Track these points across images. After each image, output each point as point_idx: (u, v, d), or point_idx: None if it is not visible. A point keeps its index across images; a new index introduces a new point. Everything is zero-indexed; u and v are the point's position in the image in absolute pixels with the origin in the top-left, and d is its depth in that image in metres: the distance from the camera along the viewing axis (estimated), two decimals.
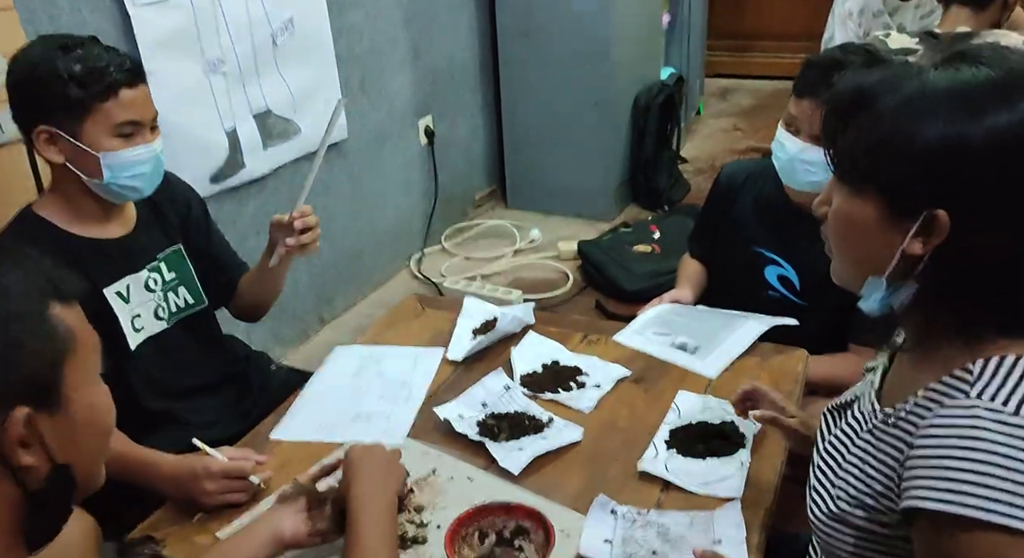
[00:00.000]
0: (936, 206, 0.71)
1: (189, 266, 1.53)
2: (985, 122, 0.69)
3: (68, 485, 0.70)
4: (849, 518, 0.81)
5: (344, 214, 2.89)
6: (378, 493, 1.01)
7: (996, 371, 0.72)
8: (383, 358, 1.58)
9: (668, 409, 1.35)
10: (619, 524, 1.10)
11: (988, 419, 0.68)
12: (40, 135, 1.27)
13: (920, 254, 0.73)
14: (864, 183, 0.76)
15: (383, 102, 3.01)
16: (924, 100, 0.72)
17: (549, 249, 3.36)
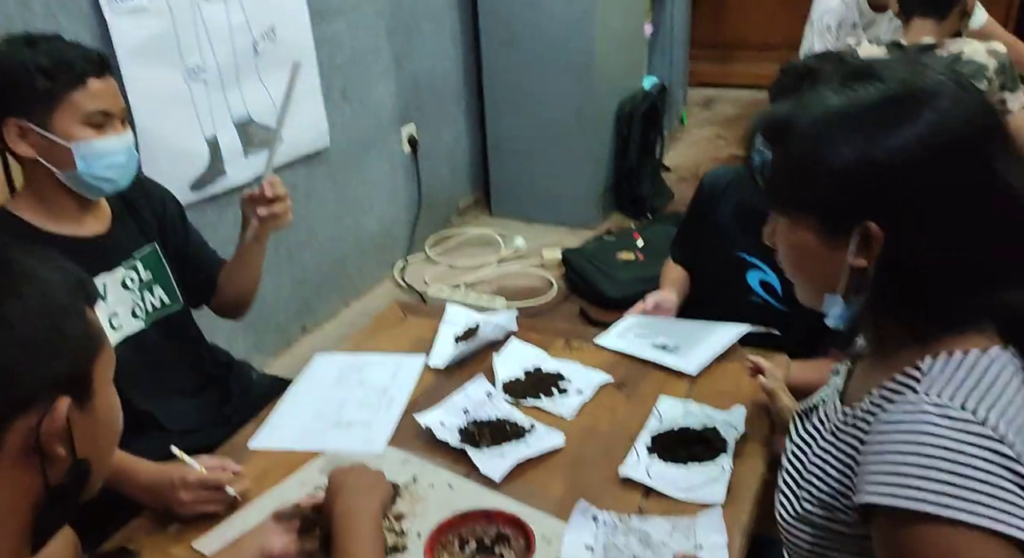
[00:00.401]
0: (866, 219, 0.73)
1: (165, 266, 1.52)
2: (888, 138, 0.72)
3: (84, 481, 0.71)
4: (814, 518, 0.82)
5: (327, 222, 2.88)
6: (362, 507, 0.99)
7: (944, 368, 0.73)
8: (364, 366, 1.56)
9: (650, 414, 1.34)
10: (601, 530, 1.09)
11: (934, 414, 0.70)
12: (10, 129, 1.26)
13: (866, 266, 0.76)
14: (796, 210, 0.79)
15: (365, 110, 3.00)
16: (828, 124, 0.75)
17: (533, 257, 3.37)
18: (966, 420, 0.69)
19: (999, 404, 0.70)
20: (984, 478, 0.66)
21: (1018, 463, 0.67)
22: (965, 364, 0.73)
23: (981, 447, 0.67)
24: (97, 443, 0.73)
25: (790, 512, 0.85)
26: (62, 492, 0.69)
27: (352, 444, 1.32)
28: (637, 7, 3.81)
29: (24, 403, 0.65)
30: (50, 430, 0.66)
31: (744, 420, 1.27)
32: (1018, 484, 0.67)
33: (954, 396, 0.71)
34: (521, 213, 3.74)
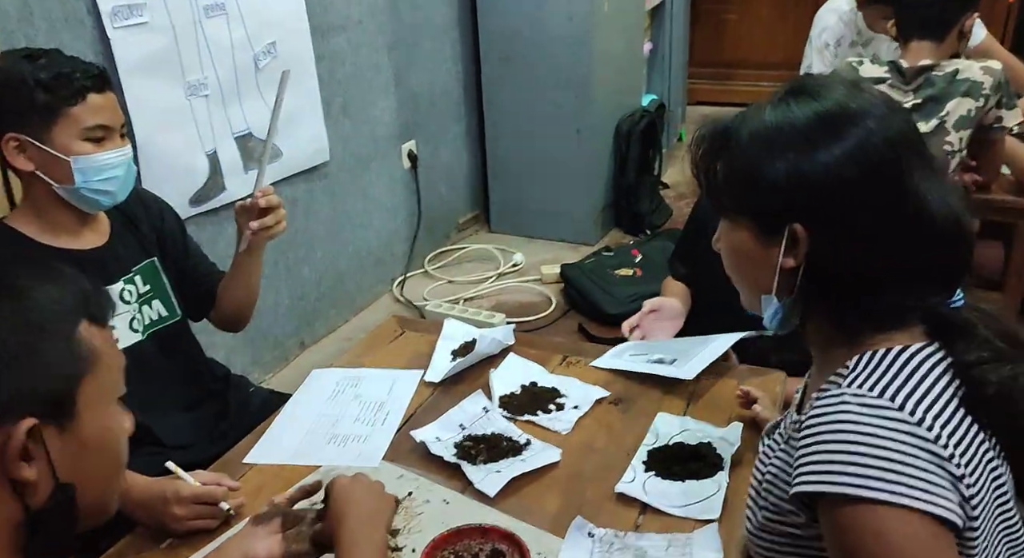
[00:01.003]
0: (794, 222, 0.79)
1: (163, 279, 1.52)
2: (817, 154, 0.77)
3: (69, 506, 0.68)
4: (773, 526, 0.84)
5: (326, 237, 2.89)
6: (368, 535, 0.94)
7: (868, 363, 0.78)
8: (360, 380, 1.56)
9: (646, 431, 1.34)
10: (596, 547, 1.09)
11: (853, 403, 0.74)
12: (8, 143, 1.27)
13: (795, 266, 0.81)
14: (735, 213, 0.86)
15: (365, 126, 3.02)
16: (762, 138, 0.81)
17: (532, 273, 3.37)
18: (883, 406, 0.73)
19: (917, 393, 0.74)
20: (904, 460, 0.70)
21: (935, 445, 0.71)
22: (887, 359, 0.78)
23: (899, 431, 0.71)
24: (85, 466, 0.70)
25: (753, 523, 0.88)
26: (44, 518, 0.66)
27: (348, 459, 1.31)
28: (636, 25, 3.84)
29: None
30: (12, 450, 0.63)
31: (741, 436, 1.27)
32: (937, 465, 0.71)
33: (873, 387, 0.75)
34: (520, 229, 3.75)
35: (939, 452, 0.71)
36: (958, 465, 0.71)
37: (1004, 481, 0.78)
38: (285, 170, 2.55)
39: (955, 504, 0.70)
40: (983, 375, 0.75)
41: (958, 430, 0.73)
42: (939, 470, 0.70)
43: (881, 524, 0.70)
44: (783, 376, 1.48)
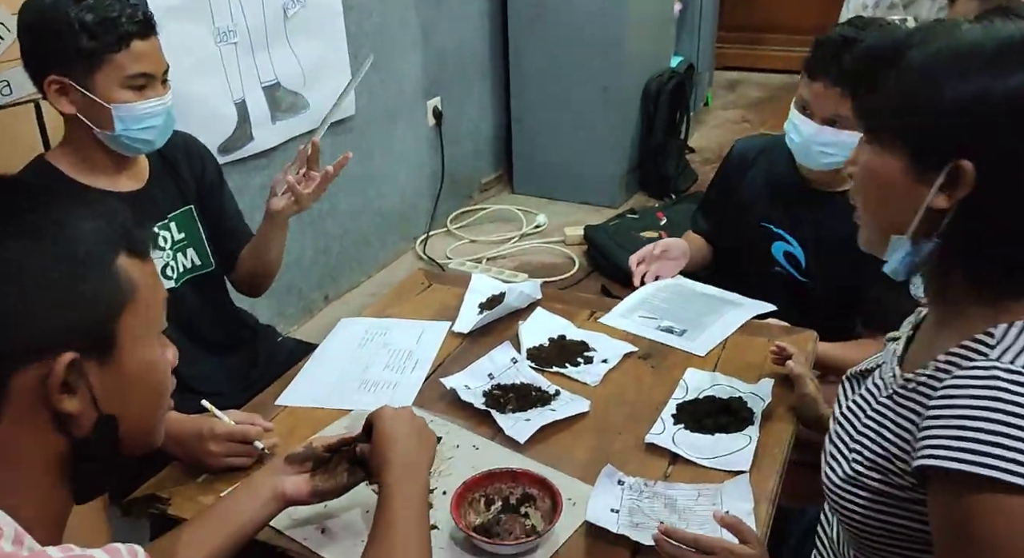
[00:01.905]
0: (961, 157, 0.71)
1: (199, 228, 1.52)
2: (1012, 79, 0.69)
3: (112, 437, 0.68)
4: (864, 480, 0.80)
5: (350, 192, 2.88)
6: (414, 475, 0.94)
7: (1019, 335, 0.71)
8: (389, 330, 1.57)
9: (676, 385, 1.34)
10: (626, 494, 1.09)
11: (1006, 380, 0.68)
12: (51, 85, 1.26)
13: (945, 208, 0.73)
14: (891, 137, 0.76)
15: (392, 81, 2.99)
16: (953, 54, 0.72)
17: (555, 234, 3.35)
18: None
19: None
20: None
21: None
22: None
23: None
24: (127, 398, 0.70)
25: (839, 475, 0.84)
26: (88, 449, 0.67)
27: (378, 404, 1.31)
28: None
29: (28, 353, 0.62)
30: (53, 384, 0.63)
31: (772, 391, 1.26)
32: None
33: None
34: (544, 191, 3.72)
35: None
36: None
37: None
38: (312, 122, 2.53)
39: None
40: None
41: None
42: None
43: (1017, 512, 0.65)
44: (815, 335, 1.47)
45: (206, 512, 0.98)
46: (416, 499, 0.91)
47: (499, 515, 1.07)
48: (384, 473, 0.93)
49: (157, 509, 1.11)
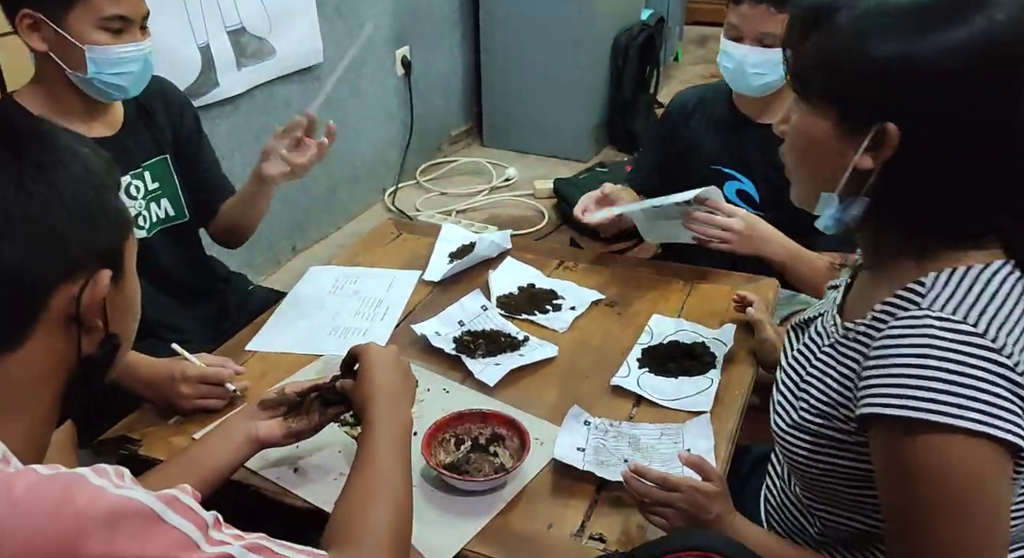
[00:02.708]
0: (886, 120, 0.72)
1: (174, 179, 1.49)
2: (936, 39, 0.70)
3: (112, 356, 0.72)
4: (810, 426, 0.84)
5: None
6: (398, 411, 0.95)
7: (947, 283, 0.74)
8: (359, 278, 1.58)
9: (641, 331, 1.37)
10: (592, 434, 1.13)
11: (937, 328, 0.71)
12: (23, 19, 1.22)
13: (871, 168, 0.75)
14: (819, 98, 0.77)
15: (359, 28, 2.93)
16: (878, 16, 0.73)
17: (525, 187, 3.36)
18: (968, 332, 0.70)
19: (999, 315, 0.72)
20: (979, 386, 0.69)
21: (1014, 372, 0.70)
22: (967, 279, 0.74)
23: (981, 358, 0.70)
24: (125, 321, 0.74)
25: (786, 421, 0.87)
26: (93, 364, 0.70)
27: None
28: None
29: (70, 270, 0.66)
30: (91, 300, 0.67)
31: (733, 336, 1.30)
32: (1012, 391, 0.69)
33: (956, 310, 0.72)
34: (513, 144, 3.71)
35: (1015, 378, 0.69)
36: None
37: None
38: (279, 69, 2.48)
39: (1022, 428, 0.69)
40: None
41: None
42: (1013, 396, 0.69)
43: (949, 452, 0.69)
44: (776, 283, 1.51)
45: (181, 454, 0.99)
46: (400, 434, 0.92)
47: (469, 454, 1.10)
48: (369, 408, 0.94)
49: (128, 450, 1.12)
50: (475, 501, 1.02)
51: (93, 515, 0.56)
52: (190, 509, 0.61)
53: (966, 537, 0.71)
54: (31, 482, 0.56)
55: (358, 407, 0.97)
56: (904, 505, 0.74)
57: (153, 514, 0.58)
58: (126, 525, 0.57)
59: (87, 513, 0.55)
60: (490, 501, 1.02)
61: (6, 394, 0.65)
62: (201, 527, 0.61)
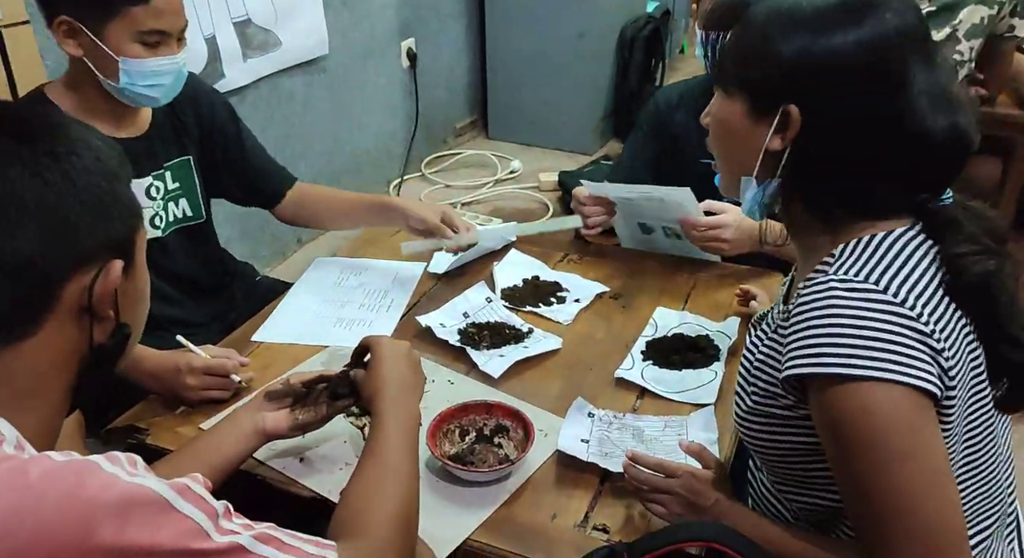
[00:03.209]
0: (789, 103, 0.80)
1: (195, 179, 1.49)
2: (831, 38, 0.78)
3: (123, 345, 0.73)
4: (762, 409, 0.88)
5: (324, 134, 2.85)
6: (407, 404, 0.95)
7: (853, 251, 0.80)
8: (364, 270, 1.58)
9: (646, 324, 1.38)
10: (596, 425, 1.13)
11: (840, 289, 0.77)
12: (60, 26, 1.22)
13: (780, 149, 0.82)
14: (734, 85, 0.85)
15: (365, 20, 2.93)
16: (780, 14, 0.81)
17: (529, 180, 3.36)
18: (867, 289, 0.76)
19: (900, 275, 0.77)
20: (887, 337, 0.74)
21: (918, 322, 0.74)
22: (871, 245, 0.80)
23: (884, 312, 0.75)
24: (136, 311, 0.74)
25: (742, 407, 0.91)
26: (105, 353, 0.71)
27: (353, 341, 1.31)
28: None
29: (83, 260, 0.67)
30: (103, 290, 0.67)
31: (737, 329, 1.31)
32: (919, 340, 0.74)
33: (859, 272, 0.78)
34: (518, 137, 3.71)
35: (920, 328, 0.74)
36: (938, 340, 0.75)
37: (979, 359, 0.82)
38: (284, 61, 2.49)
39: (935, 376, 0.74)
40: (967, 266, 0.78)
41: (938, 309, 0.77)
42: (920, 345, 0.74)
43: (867, 399, 0.73)
44: (780, 276, 1.51)
45: (189, 445, 1.00)
46: (409, 427, 0.93)
47: (473, 445, 1.10)
48: (379, 400, 0.94)
49: (136, 439, 1.13)
50: (479, 492, 1.03)
51: (105, 502, 0.56)
52: (201, 498, 0.62)
53: (910, 482, 0.74)
54: (45, 468, 0.57)
55: (367, 399, 0.98)
56: (843, 463, 0.77)
57: (165, 502, 0.59)
58: (138, 513, 0.57)
59: (99, 500, 0.56)
60: (494, 492, 1.03)
61: (20, 382, 0.65)
62: (212, 516, 0.61)
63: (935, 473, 0.74)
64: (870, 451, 0.74)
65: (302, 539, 0.68)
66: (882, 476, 0.74)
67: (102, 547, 0.55)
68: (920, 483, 0.74)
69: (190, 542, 0.59)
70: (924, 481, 0.74)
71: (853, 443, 0.75)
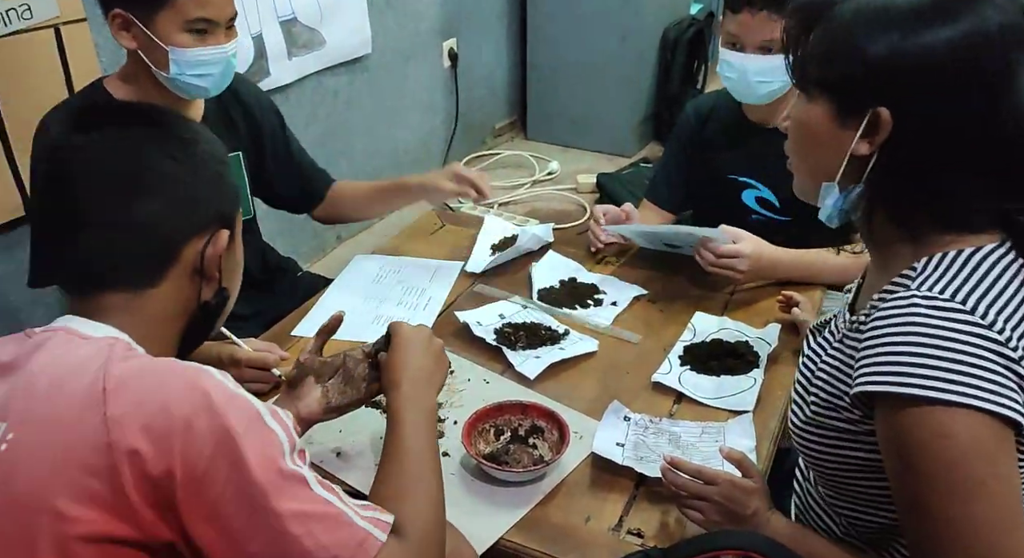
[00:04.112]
0: (879, 105, 0.75)
1: (244, 175, 1.53)
2: (922, 36, 0.74)
3: (222, 305, 0.86)
4: (821, 419, 0.85)
5: (365, 132, 2.88)
6: (425, 394, 0.96)
7: (937, 266, 0.76)
8: (403, 267, 1.59)
9: (684, 328, 1.36)
10: (631, 429, 1.13)
11: (923, 306, 0.73)
12: (115, 19, 1.27)
13: (867, 154, 0.78)
14: (817, 88, 0.81)
15: (408, 20, 2.96)
16: (870, 12, 0.77)
17: (567, 181, 3.35)
18: (954, 309, 0.72)
19: (990, 295, 0.73)
20: (972, 361, 0.70)
21: (1006, 347, 0.70)
22: (957, 261, 0.76)
23: (969, 333, 0.71)
24: (233, 279, 0.88)
25: (800, 418, 0.88)
26: (209, 311, 0.84)
27: None
28: None
29: (199, 227, 0.81)
30: (212, 253, 0.81)
31: (778, 336, 1.29)
32: (1005, 366, 0.70)
33: (944, 290, 0.74)
34: (557, 138, 3.70)
35: (1008, 353, 0.70)
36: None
37: None
38: (328, 59, 2.52)
39: (1020, 404, 0.70)
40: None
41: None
42: (1007, 371, 0.70)
43: (946, 425, 0.69)
44: (819, 292, 1.48)
45: None
46: (425, 421, 0.93)
47: (508, 445, 1.10)
48: (395, 395, 0.95)
49: None
50: (514, 492, 1.03)
51: (215, 396, 0.69)
52: (286, 424, 0.72)
53: (977, 513, 0.70)
54: (171, 363, 0.73)
55: (385, 389, 0.98)
56: (910, 487, 0.74)
57: (257, 414, 0.71)
58: (235, 413, 0.69)
59: (211, 393, 0.69)
60: (529, 492, 1.03)
61: (144, 325, 0.78)
62: (290, 442, 0.71)
63: (1007, 507, 0.71)
64: (941, 479, 0.71)
65: (359, 503, 0.75)
66: (949, 505, 0.71)
67: (207, 425, 0.67)
68: (990, 516, 0.70)
69: (272, 452, 0.69)
70: (994, 514, 0.70)
71: (924, 469, 0.71)
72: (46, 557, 0.65)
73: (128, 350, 0.74)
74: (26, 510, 0.66)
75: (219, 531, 0.67)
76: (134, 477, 0.65)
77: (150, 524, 0.66)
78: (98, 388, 0.68)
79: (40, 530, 0.65)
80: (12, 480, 0.67)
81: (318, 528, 0.69)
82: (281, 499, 0.68)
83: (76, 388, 0.69)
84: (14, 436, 0.68)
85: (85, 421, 0.67)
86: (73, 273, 0.79)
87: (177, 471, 0.66)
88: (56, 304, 1.91)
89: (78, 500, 0.65)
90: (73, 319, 0.77)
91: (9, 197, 1.69)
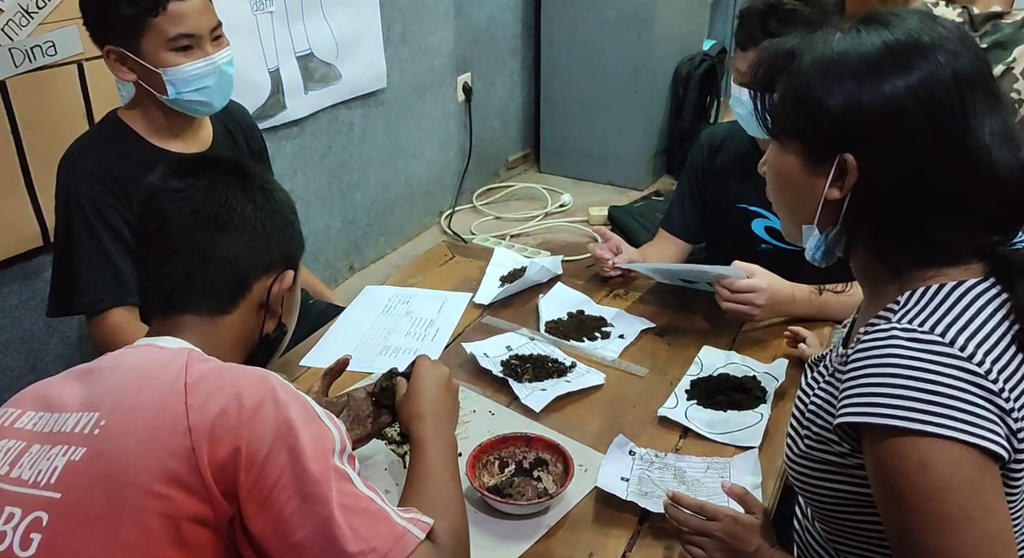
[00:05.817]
0: (844, 152, 0.78)
1: None
2: (880, 85, 0.76)
3: (280, 340, 0.95)
4: (814, 453, 0.85)
5: (379, 164, 2.92)
6: (447, 430, 0.98)
7: (919, 299, 0.78)
8: (411, 299, 1.61)
9: (691, 362, 1.36)
10: (636, 464, 1.12)
11: (902, 338, 0.74)
12: (109, 55, 1.31)
13: (840, 198, 0.80)
14: (788, 136, 0.83)
15: (423, 55, 3.01)
16: (826, 63, 0.79)
17: (579, 214, 3.37)
18: (932, 341, 0.73)
19: (970, 328, 0.74)
20: (949, 393, 0.70)
21: (986, 379, 0.71)
22: (939, 295, 0.77)
23: (947, 365, 0.71)
24: (291, 316, 0.96)
25: (795, 452, 0.88)
26: (269, 343, 0.93)
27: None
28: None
29: (269, 266, 0.90)
30: (278, 291, 0.91)
31: (785, 371, 1.28)
32: (985, 398, 0.71)
33: (924, 323, 0.75)
34: (570, 171, 3.73)
35: (988, 385, 0.71)
36: (1007, 399, 0.71)
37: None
38: (344, 93, 2.56)
39: (1002, 437, 0.70)
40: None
41: (1010, 365, 0.73)
42: (987, 403, 0.70)
43: (926, 455, 0.70)
44: (832, 325, 1.48)
45: None
46: (451, 453, 0.95)
47: (512, 477, 1.10)
48: (419, 426, 0.96)
49: None
50: (517, 525, 1.03)
51: (280, 392, 0.76)
52: (339, 427, 0.78)
53: (963, 545, 0.70)
54: (243, 366, 0.81)
55: (404, 423, 0.99)
56: (897, 518, 0.74)
57: (315, 413, 0.77)
58: (295, 408, 0.76)
59: (276, 390, 0.76)
60: (532, 526, 1.03)
61: (213, 348, 0.85)
62: (341, 443, 0.77)
63: (994, 538, 0.71)
64: (925, 509, 0.71)
65: (401, 508, 0.79)
66: (935, 536, 0.71)
67: (272, 414, 0.74)
68: (976, 547, 0.70)
69: (324, 445, 0.75)
70: (981, 546, 0.70)
71: (908, 499, 0.72)
72: (128, 529, 0.71)
73: (203, 356, 0.82)
74: (116, 486, 0.72)
75: (272, 517, 0.72)
76: (209, 458, 0.72)
77: (219, 504, 0.72)
78: (180, 383, 0.76)
79: (125, 505, 0.71)
80: (105, 460, 0.74)
81: (358, 521, 0.73)
82: (331, 491, 0.73)
83: (161, 382, 0.77)
84: (107, 422, 0.76)
85: (168, 409, 0.74)
86: (160, 296, 0.88)
87: (243, 454, 0.72)
88: (72, 333, 1.93)
89: (162, 480, 0.71)
90: (154, 338, 0.87)
91: (29, 227, 1.72)
